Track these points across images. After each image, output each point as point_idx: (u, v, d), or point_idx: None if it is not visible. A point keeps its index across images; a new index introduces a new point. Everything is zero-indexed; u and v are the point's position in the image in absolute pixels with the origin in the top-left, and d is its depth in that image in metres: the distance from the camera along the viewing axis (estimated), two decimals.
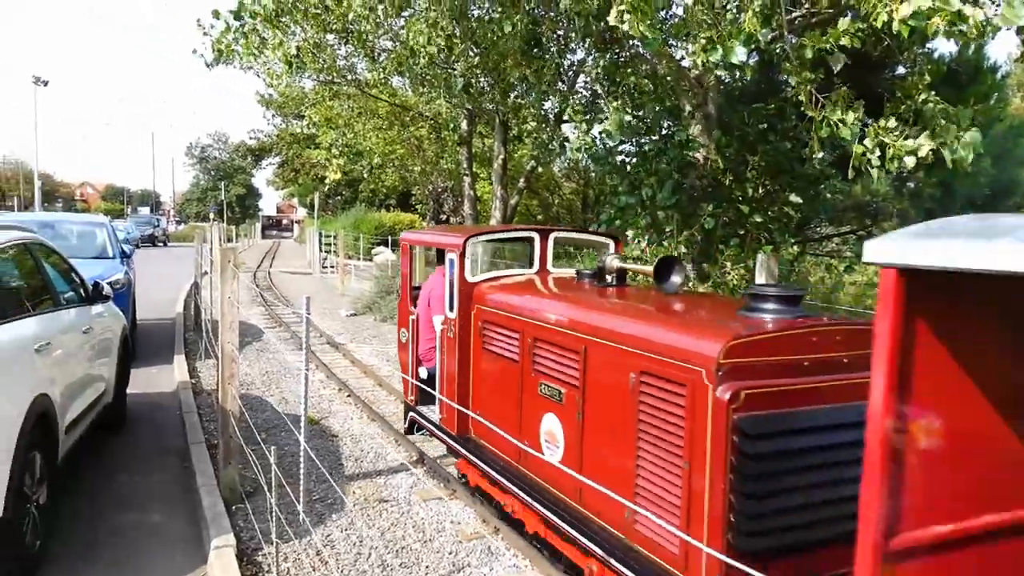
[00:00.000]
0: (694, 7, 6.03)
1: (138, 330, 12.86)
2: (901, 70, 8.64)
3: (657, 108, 9.09)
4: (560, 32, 10.27)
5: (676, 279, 4.73)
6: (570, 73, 12.12)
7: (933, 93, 6.59)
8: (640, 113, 9.14)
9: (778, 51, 6.71)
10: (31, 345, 5.01)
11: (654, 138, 9.07)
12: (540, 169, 18.51)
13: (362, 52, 13.86)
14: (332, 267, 27.08)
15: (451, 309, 6.03)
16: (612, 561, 3.94)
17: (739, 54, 5.65)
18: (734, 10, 6.46)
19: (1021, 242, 1.74)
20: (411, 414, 6.89)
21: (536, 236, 6.37)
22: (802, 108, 6.46)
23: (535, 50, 9.54)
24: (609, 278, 5.28)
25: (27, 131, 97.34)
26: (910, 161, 6.03)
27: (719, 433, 3.40)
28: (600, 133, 8.66)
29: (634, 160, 9.09)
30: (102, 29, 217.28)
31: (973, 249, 1.84)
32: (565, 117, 10.66)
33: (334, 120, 19.83)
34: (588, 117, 9.68)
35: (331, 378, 10.59)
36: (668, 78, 9.11)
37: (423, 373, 6.76)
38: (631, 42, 8.43)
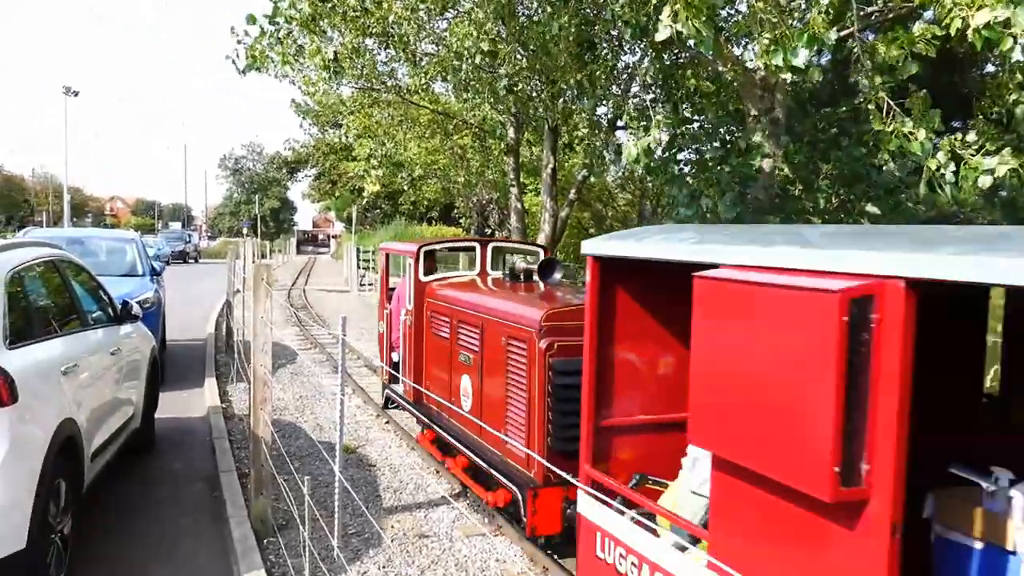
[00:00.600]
0: (757, 4, 6.02)
1: (167, 351, 13.11)
2: (990, 68, 8.47)
3: (719, 113, 9.05)
4: (614, 32, 10.31)
5: (556, 275, 7.09)
6: (624, 76, 12.15)
7: None
8: (699, 118, 9.09)
9: (851, 50, 6.65)
10: (57, 367, 5.16)
11: (715, 145, 9.02)
12: (592, 179, 18.48)
13: (403, 56, 14.08)
14: (370, 285, 27.26)
15: (410, 303, 8.32)
16: (494, 472, 6.21)
17: (801, 57, 5.62)
18: (802, 6, 6.43)
19: (648, 241, 3.55)
20: (386, 391, 9.24)
21: (477, 245, 8.66)
22: (871, 118, 6.38)
23: (587, 52, 9.59)
24: (521, 276, 7.54)
25: (57, 143, 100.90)
26: (985, 181, 5.91)
27: (541, 372, 5.60)
28: (650, 143, 8.67)
29: (693, 169, 9.04)
30: (102, 29, 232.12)
31: (629, 247, 3.69)
32: (620, 122, 10.67)
33: (373, 129, 20.13)
34: (645, 123, 9.66)
35: (368, 403, 10.68)
36: (732, 81, 9.07)
37: (396, 357, 8.98)
38: (690, 42, 8.43)
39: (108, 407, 6.25)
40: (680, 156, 9.59)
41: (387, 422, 9.78)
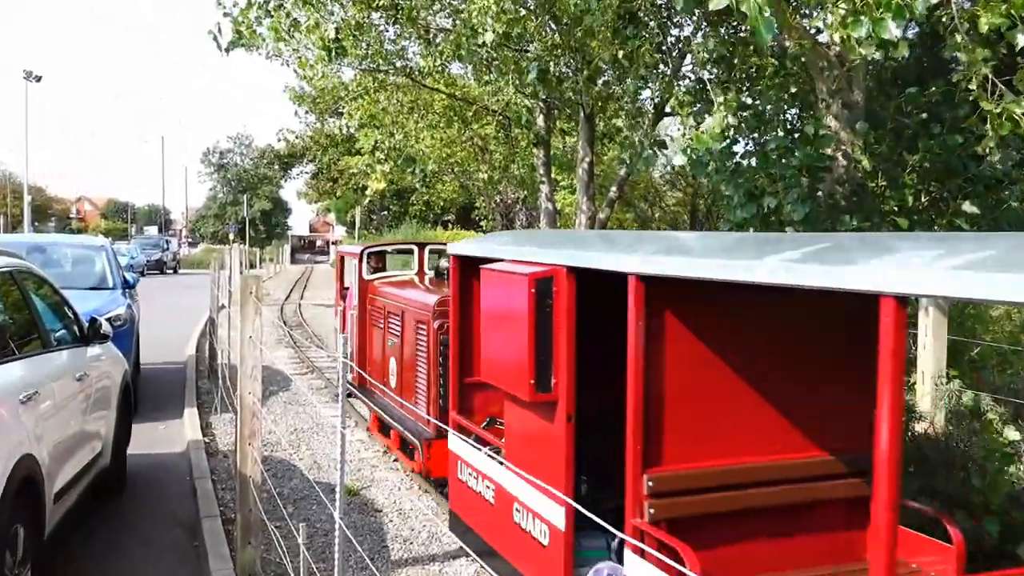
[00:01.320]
0: None
1: (142, 376, 13.21)
2: None
3: (783, 95, 8.98)
4: (661, 1, 10.27)
5: None
6: (674, 53, 12.11)
7: None
8: (757, 101, 9.02)
9: (944, 21, 6.56)
10: (15, 395, 5.18)
11: (778, 133, 8.94)
12: (636, 175, 18.44)
13: (414, 33, 14.12)
14: None
15: (355, 299, 11.06)
16: (406, 433, 8.61)
17: (891, 29, 5.54)
18: None
19: (483, 244, 6.29)
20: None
21: (415, 248, 11.74)
22: (973, 99, 6.27)
23: (628, 26, 9.56)
24: (445, 274, 9.83)
25: (16, 136, 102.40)
26: None
27: (434, 346, 8.10)
28: (704, 133, 8.59)
29: (753, 162, 8.97)
30: (102, 29, 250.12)
31: (472, 248, 6.37)
32: (668, 108, 10.61)
33: (379, 117, 20.15)
34: (697, 108, 9.59)
35: (374, 437, 10.69)
36: (799, 57, 9.00)
37: None
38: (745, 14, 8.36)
39: (73, 441, 6.27)
40: (736, 148, 9.52)
41: (395, 460, 9.77)
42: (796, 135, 8.95)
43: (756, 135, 9.49)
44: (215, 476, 8.78)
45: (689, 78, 11.79)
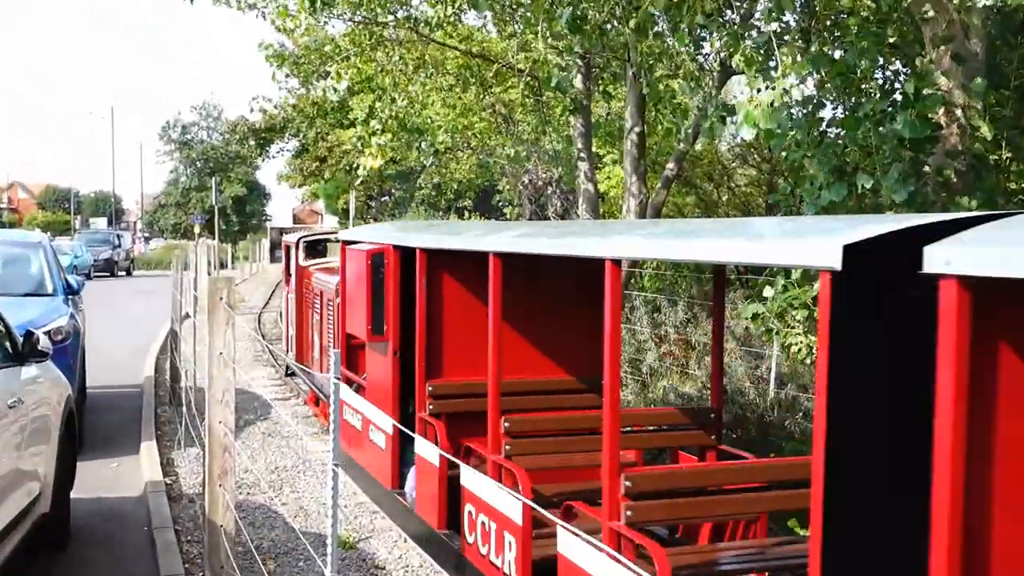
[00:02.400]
0: None
1: (88, 402, 13.20)
2: None
3: (880, 47, 8.93)
4: None
5: None
6: None
7: None
8: (847, 55, 8.98)
9: None
10: None
11: (873, 95, 8.90)
12: (697, 146, 18.37)
13: None
14: None
15: (293, 283, 15.39)
16: (319, 393, 13.57)
17: None
18: None
19: (357, 231, 11.21)
20: (286, 361, 16.56)
21: None
22: None
23: None
24: None
25: None
26: None
27: (336, 319, 11.66)
28: (757, 108, 8.60)
29: (841, 131, 8.95)
30: (102, 29, 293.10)
31: (350, 234, 11.13)
32: (734, 64, 10.56)
33: (376, 79, 20.02)
34: (774, 64, 9.52)
35: (313, 411, 10.88)
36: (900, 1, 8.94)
37: (291, 331, 16.64)
38: None
39: (3, 483, 6.28)
40: (823, 113, 9.54)
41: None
42: (896, 97, 8.89)
43: (845, 97, 9.43)
44: (179, 526, 8.82)
45: (759, 28, 11.70)
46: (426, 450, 7.81)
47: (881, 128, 8.50)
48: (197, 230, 59.57)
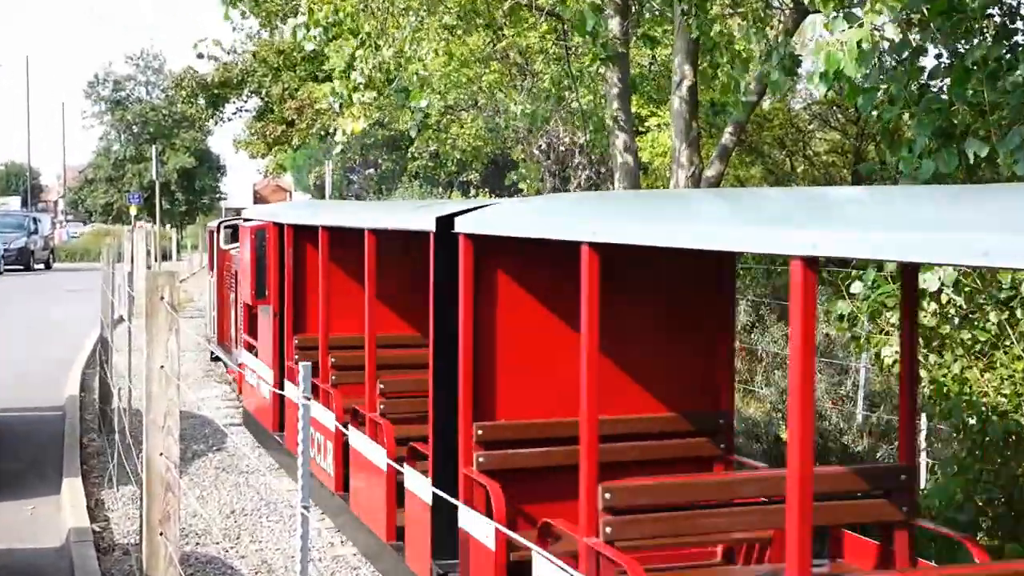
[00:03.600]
0: None
1: None
2: None
3: None
4: None
5: None
6: None
7: None
8: None
9: None
10: None
11: (985, 37, 8.85)
12: (765, 104, 18.21)
13: None
14: None
15: (215, 267, 21.36)
16: (229, 363, 20.00)
17: None
18: None
19: (265, 209, 18.06)
20: (211, 346, 21.40)
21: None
22: None
23: None
24: None
25: None
26: None
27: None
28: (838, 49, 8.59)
29: (945, 84, 8.90)
30: (102, 29, 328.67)
31: (269, 212, 16.20)
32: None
33: (356, 20, 19.68)
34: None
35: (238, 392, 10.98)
36: None
37: (215, 314, 22.16)
38: None
39: None
40: (924, 62, 9.49)
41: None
42: (1018, 39, 8.87)
43: (952, 41, 9.31)
44: None
45: None
46: (292, 393, 10.41)
47: (997, 81, 8.42)
48: (133, 212, 59.40)
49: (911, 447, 6.82)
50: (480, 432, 7.57)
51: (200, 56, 26.44)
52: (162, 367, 6.22)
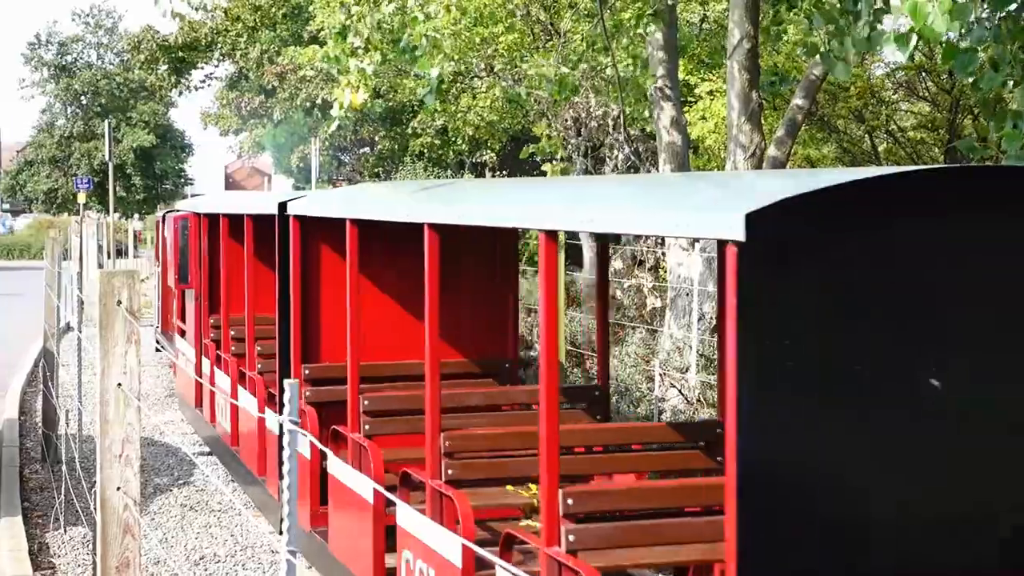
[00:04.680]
0: None
1: None
2: None
3: None
4: None
5: None
6: None
7: None
8: None
9: None
10: None
11: None
12: (839, 76, 17.79)
13: None
14: None
15: (160, 258, 28.35)
16: (171, 355, 25.77)
17: None
18: None
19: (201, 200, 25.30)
20: (156, 337, 26.51)
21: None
22: None
23: None
24: None
25: None
26: None
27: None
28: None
29: None
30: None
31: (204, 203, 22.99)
32: None
33: None
34: None
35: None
36: None
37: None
38: None
39: None
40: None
41: None
42: None
43: None
44: None
45: None
46: (209, 371, 15.39)
47: None
48: (82, 200, 58.53)
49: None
50: (307, 372, 10.94)
51: (164, 15, 27.11)
52: (119, 385, 6.24)
